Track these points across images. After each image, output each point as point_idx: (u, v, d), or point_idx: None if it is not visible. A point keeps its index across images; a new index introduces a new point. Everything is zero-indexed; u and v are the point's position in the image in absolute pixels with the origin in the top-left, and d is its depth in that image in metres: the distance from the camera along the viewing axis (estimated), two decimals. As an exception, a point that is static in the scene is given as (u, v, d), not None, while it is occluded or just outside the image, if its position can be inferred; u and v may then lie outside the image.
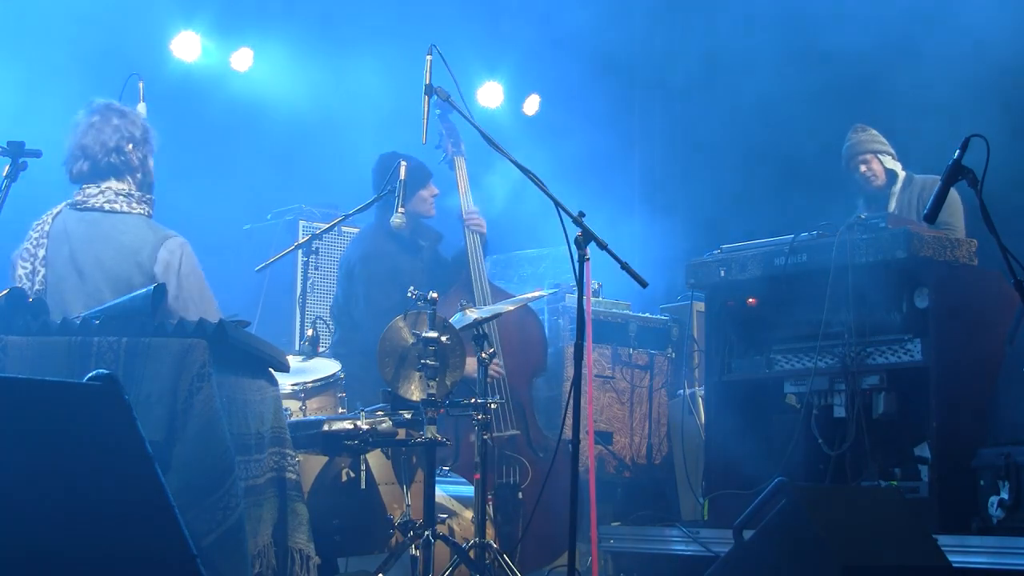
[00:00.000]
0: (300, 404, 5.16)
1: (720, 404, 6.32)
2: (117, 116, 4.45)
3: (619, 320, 7.53)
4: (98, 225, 4.35)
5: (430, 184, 6.46)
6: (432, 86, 4.88)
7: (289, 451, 4.03)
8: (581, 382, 4.54)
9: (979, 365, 5.55)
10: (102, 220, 4.35)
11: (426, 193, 6.44)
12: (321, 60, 8.49)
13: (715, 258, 6.29)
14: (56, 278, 4.33)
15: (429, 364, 4.74)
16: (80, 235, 4.34)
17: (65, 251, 4.33)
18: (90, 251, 4.31)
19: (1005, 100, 7.46)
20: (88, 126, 4.41)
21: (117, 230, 4.33)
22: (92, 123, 4.41)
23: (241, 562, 3.61)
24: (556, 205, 4.49)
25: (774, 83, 8.36)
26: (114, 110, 4.47)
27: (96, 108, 4.46)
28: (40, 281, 4.33)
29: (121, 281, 4.25)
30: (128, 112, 4.51)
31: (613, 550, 6.53)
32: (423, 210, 6.46)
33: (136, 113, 4.56)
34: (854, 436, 5.64)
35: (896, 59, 7.93)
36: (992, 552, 5.11)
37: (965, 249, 5.70)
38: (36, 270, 4.35)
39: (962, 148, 4.21)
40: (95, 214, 4.36)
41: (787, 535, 4.27)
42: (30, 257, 4.38)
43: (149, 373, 3.64)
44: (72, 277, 4.31)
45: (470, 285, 6.32)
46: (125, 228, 4.34)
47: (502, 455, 6.08)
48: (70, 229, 4.36)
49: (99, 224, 4.35)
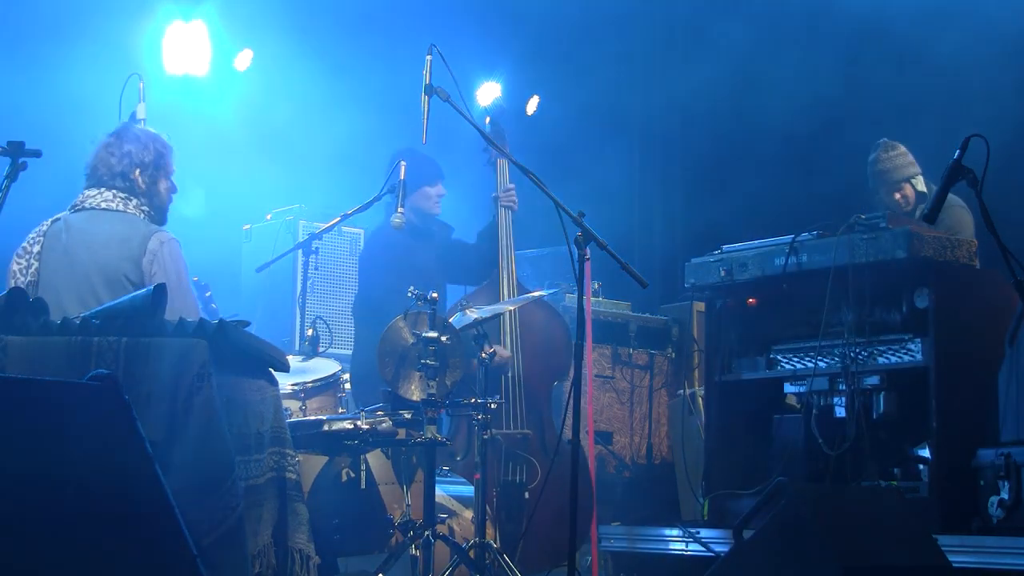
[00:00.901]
0: (300, 404, 5.17)
1: (720, 404, 6.32)
2: (131, 142, 4.60)
3: (619, 320, 7.53)
4: (93, 221, 4.50)
5: (439, 184, 6.46)
6: (432, 86, 4.87)
7: (289, 451, 4.03)
8: (581, 382, 4.54)
9: (979, 365, 5.55)
10: (97, 216, 4.50)
11: (432, 191, 6.43)
12: (321, 60, 8.49)
13: (715, 258, 6.29)
14: (49, 271, 4.45)
15: (429, 364, 4.74)
16: (75, 230, 4.48)
17: (60, 246, 4.47)
18: (82, 242, 4.45)
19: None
20: (102, 147, 4.59)
21: (110, 223, 4.49)
22: (107, 144, 4.59)
23: (241, 562, 3.61)
24: (556, 205, 4.49)
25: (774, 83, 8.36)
26: (130, 135, 4.61)
27: (115, 131, 4.66)
28: (33, 273, 4.47)
29: (110, 269, 4.39)
30: (144, 137, 4.63)
31: (613, 550, 6.53)
32: (427, 207, 6.44)
33: (153, 138, 4.65)
34: (854, 436, 5.63)
35: (906, 59, 7.95)
36: (992, 552, 5.11)
37: (965, 249, 5.69)
38: (30, 264, 4.49)
39: (962, 148, 4.21)
40: (91, 212, 4.52)
41: (787, 535, 4.27)
42: (25, 254, 4.53)
43: (149, 373, 3.63)
44: (64, 268, 4.44)
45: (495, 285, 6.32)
46: (117, 221, 4.49)
47: (511, 454, 6.06)
48: (66, 227, 4.51)
49: (94, 220, 4.50)
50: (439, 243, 6.52)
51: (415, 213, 6.38)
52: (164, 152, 4.64)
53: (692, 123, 9.54)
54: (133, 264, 4.39)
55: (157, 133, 4.79)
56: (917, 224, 5.75)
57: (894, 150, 6.68)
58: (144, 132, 4.69)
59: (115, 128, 4.67)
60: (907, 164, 6.67)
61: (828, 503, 4.44)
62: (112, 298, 4.17)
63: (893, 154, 6.67)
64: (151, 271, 4.39)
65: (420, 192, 6.36)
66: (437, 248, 6.48)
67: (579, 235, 4.42)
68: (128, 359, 3.67)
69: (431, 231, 6.51)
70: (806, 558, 4.20)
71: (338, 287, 7.68)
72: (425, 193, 6.40)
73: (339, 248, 7.67)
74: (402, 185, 5.72)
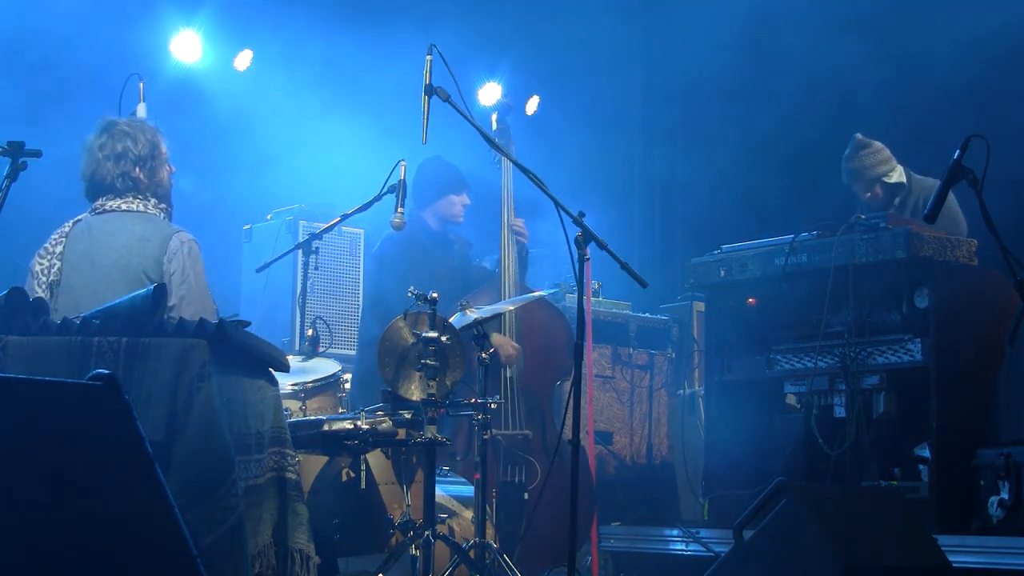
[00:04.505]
0: (300, 404, 5.16)
1: (720, 404, 6.33)
2: (122, 139, 4.55)
3: (619, 320, 7.53)
4: (114, 222, 4.51)
5: (464, 193, 6.48)
6: (432, 86, 4.87)
7: (289, 451, 4.03)
8: (581, 382, 4.53)
9: (979, 365, 5.56)
10: (119, 217, 4.52)
11: (457, 199, 6.47)
12: (321, 60, 8.49)
13: (715, 258, 6.29)
14: (70, 269, 4.47)
15: (429, 364, 4.74)
16: (97, 231, 4.50)
17: (82, 247, 4.48)
18: (103, 243, 4.46)
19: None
20: (96, 149, 4.55)
21: (131, 223, 4.50)
22: (101, 145, 4.55)
23: (241, 562, 3.60)
24: (556, 205, 4.48)
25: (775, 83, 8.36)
26: (119, 131, 4.57)
27: (103, 129, 4.59)
28: (56, 273, 4.48)
29: (131, 268, 4.39)
30: (133, 131, 4.58)
31: (613, 550, 6.53)
32: (451, 214, 6.49)
33: (141, 129, 4.61)
34: (854, 436, 5.64)
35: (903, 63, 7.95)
36: (992, 552, 5.11)
37: (965, 249, 5.70)
38: (53, 264, 4.50)
39: (962, 148, 4.21)
40: (113, 214, 4.53)
41: (787, 535, 4.27)
42: (47, 254, 4.54)
43: (149, 373, 3.63)
44: (86, 267, 4.45)
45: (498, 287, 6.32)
46: (139, 221, 4.51)
47: (511, 454, 6.06)
48: (88, 229, 4.52)
49: (115, 221, 4.51)
50: (459, 258, 6.54)
51: (437, 219, 6.45)
52: (156, 140, 4.60)
53: (693, 123, 9.54)
54: (154, 263, 4.41)
55: (142, 120, 4.77)
56: (917, 224, 5.75)
57: (866, 148, 6.61)
58: (130, 124, 4.62)
59: (100, 126, 4.59)
60: (878, 163, 6.59)
61: (828, 503, 4.44)
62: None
63: (863, 153, 6.60)
64: (170, 270, 4.40)
65: (446, 200, 6.42)
66: (457, 262, 6.50)
67: (579, 235, 4.42)
68: (128, 359, 3.66)
69: (449, 240, 6.53)
70: (806, 558, 4.20)
71: (338, 287, 7.68)
72: (450, 201, 6.45)
73: (339, 248, 7.66)
74: (402, 185, 5.71)
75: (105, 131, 4.58)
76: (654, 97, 10.01)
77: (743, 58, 8.73)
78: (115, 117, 4.70)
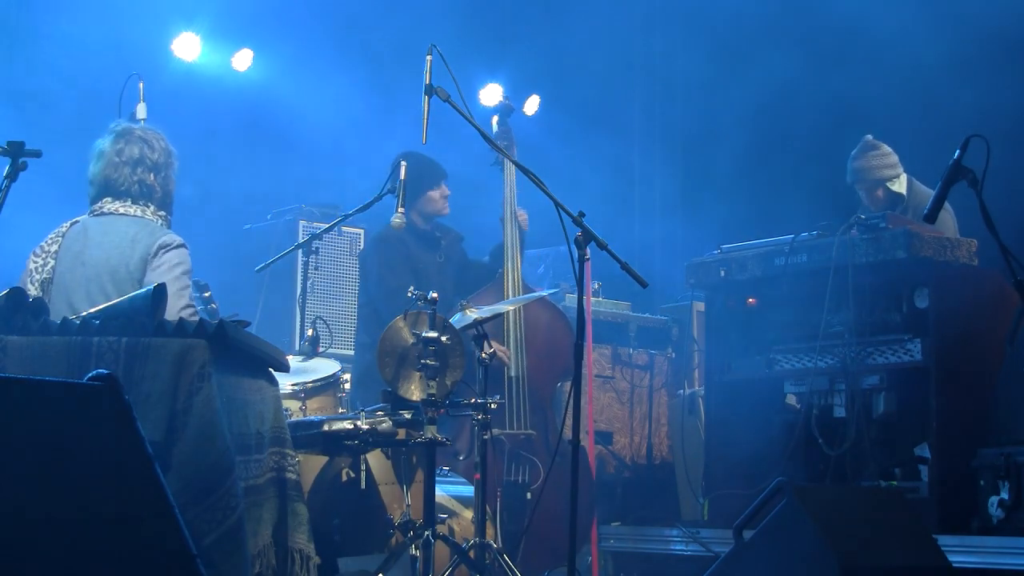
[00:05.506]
0: (300, 404, 5.17)
1: (720, 404, 6.33)
2: (138, 145, 4.58)
3: (619, 320, 7.53)
4: (110, 224, 4.52)
5: (442, 184, 6.46)
6: (432, 86, 4.86)
7: (289, 451, 4.03)
8: (581, 382, 4.53)
9: (979, 365, 5.55)
10: (116, 220, 4.52)
11: (436, 193, 6.45)
12: (320, 60, 8.49)
13: (715, 258, 6.29)
14: (63, 268, 4.47)
15: (429, 364, 4.74)
16: (92, 232, 4.51)
17: (76, 247, 4.49)
18: (97, 243, 4.47)
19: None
20: (112, 154, 4.56)
21: (126, 226, 4.50)
22: (119, 151, 4.56)
23: (241, 562, 3.60)
24: (556, 205, 4.48)
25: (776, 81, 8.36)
26: (135, 138, 4.59)
27: (119, 135, 4.60)
28: (48, 271, 4.49)
29: (120, 269, 4.39)
30: (149, 137, 4.62)
31: (613, 550, 6.54)
32: (434, 209, 6.48)
33: (156, 135, 4.64)
34: (854, 436, 5.64)
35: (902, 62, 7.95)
36: (992, 552, 5.11)
37: (965, 249, 5.69)
38: (46, 263, 4.51)
39: (962, 148, 4.21)
40: (110, 216, 4.54)
41: (787, 535, 4.27)
42: (42, 252, 4.54)
43: (149, 373, 3.63)
44: (77, 268, 4.45)
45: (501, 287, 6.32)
46: (133, 224, 4.51)
47: (514, 454, 6.06)
48: (84, 229, 4.53)
49: (111, 223, 4.52)
50: (450, 255, 6.52)
51: (422, 217, 6.43)
52: (168, 147, 4.65)
53: (693, 122, 9.54)
54: (140, 262, 4.42)
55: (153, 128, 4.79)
56: (917, 224, 5.75)
57: (875, 150, 6.60)
58: (144, 132, 4.67)
59: (114, 130, 4.63)
60: (884, 167, 6.58)
61: (828, 503, 4.44)
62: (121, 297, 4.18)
63: (871, 155, 6.60)
64: (152, 265, 4.40)
65: (424, 197, 6.40)
66: (447, 259, 6.48)
67: (579, 235, 4.41)
68: (128, 359, 3.66)
69: (435, 238, 6.51)
70: (806, 558, 4.20)
71: (338, 287, 7.68)
72: (429, 198, 6.43)
73: (339, 248, 7.67)
74: (402, 185, 5.71)
75: (122, 137, 4.60)
76: (654, 95, 10.01)
77: (743, 57, 8.74)
78: (130, 123, 4.76)
